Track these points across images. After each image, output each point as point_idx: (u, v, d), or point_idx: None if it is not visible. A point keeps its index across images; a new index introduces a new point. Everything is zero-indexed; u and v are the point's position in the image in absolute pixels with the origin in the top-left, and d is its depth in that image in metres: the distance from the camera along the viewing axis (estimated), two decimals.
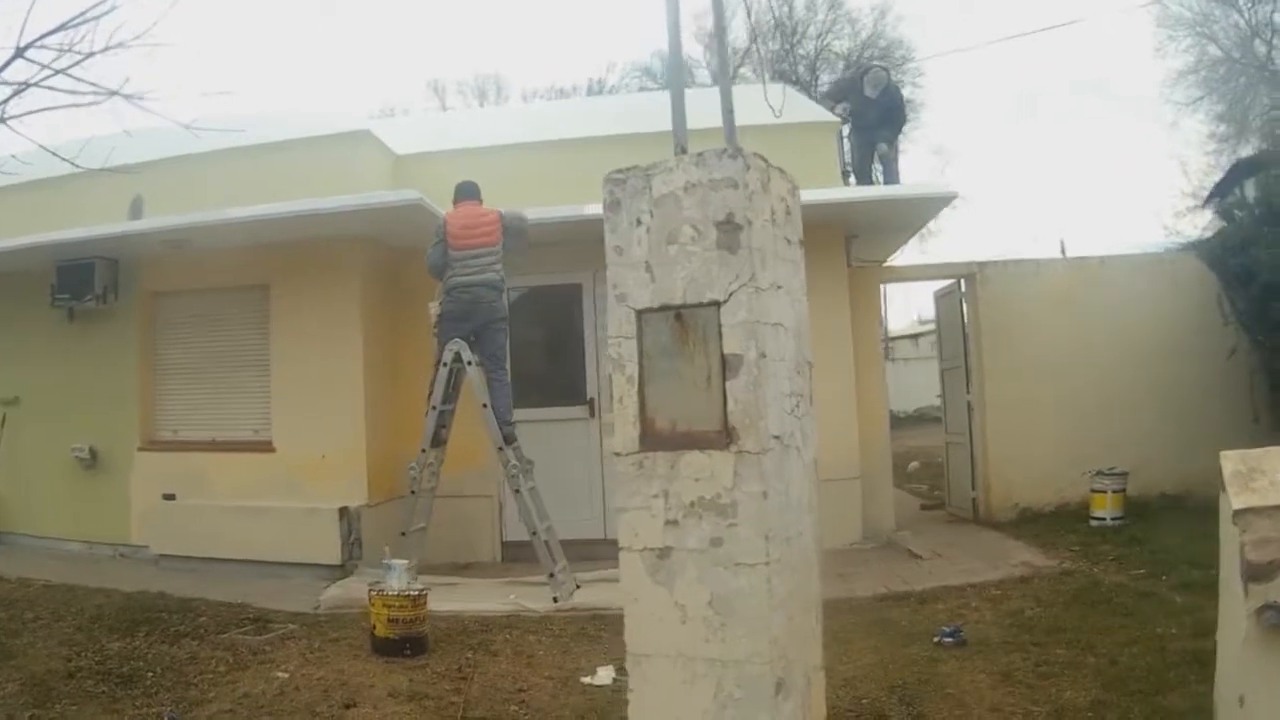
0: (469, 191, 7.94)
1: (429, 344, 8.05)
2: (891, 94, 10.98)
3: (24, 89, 6.15)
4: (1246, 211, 11.08)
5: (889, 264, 11.28)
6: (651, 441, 3.49)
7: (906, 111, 11.14)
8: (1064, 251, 14.16)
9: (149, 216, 9.97)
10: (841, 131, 11.30)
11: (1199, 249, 11.13)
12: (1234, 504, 3.47)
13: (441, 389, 7.54)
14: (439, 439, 7.67)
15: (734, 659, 3.31)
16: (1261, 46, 23.84)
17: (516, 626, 6.74)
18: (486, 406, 7.37)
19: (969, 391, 10.72)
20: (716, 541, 3.34)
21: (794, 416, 3.63)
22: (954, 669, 5.38)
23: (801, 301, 3.84)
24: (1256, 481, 3.48)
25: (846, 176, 11.20)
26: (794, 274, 3.77)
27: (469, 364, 7.42)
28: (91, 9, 6.06)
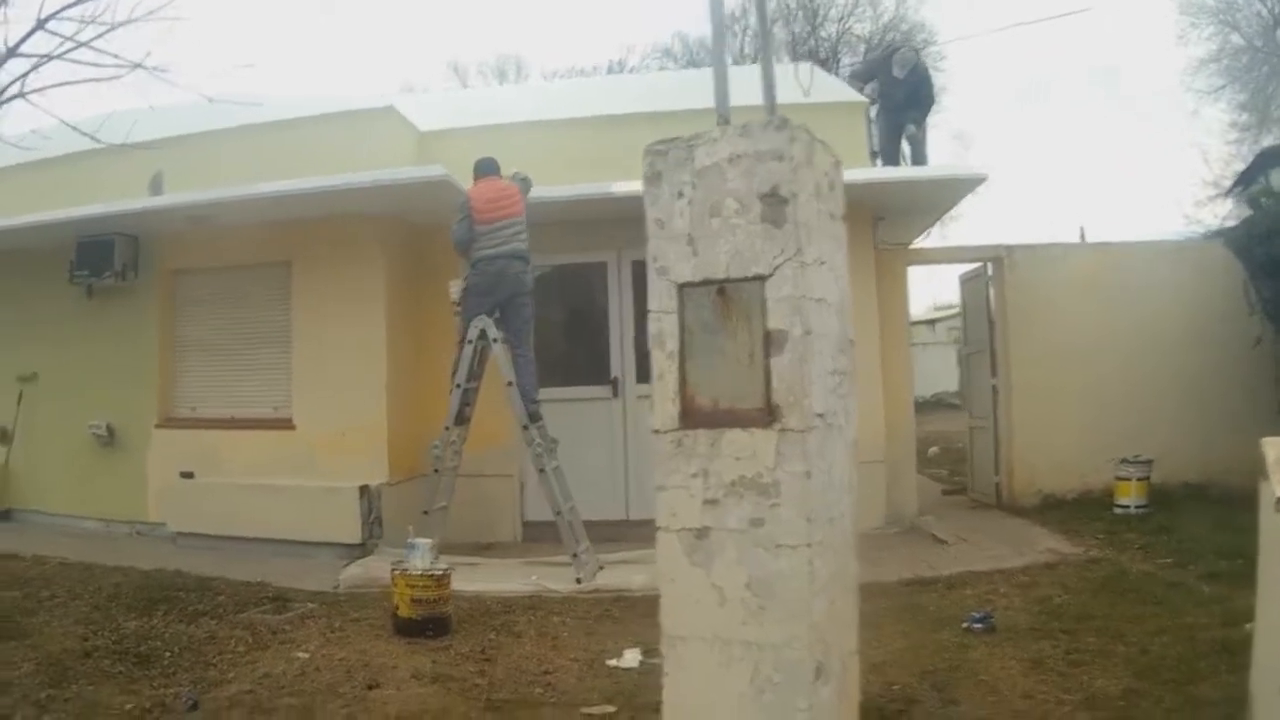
0: (489, 167, 8.01)
1: (451, 321, 8.02)
2: (920, 74, 10.81)
3: (45, 61, 6.09)
4: (1273, 200, 10.92)
5: (915, 246, 11.15)
6: (691, 419, 3.40)
7: (935, 93, 10.92)
8: (1083, 238, 13.99)
9: (169, 193, 9.89)
10: (869, 112, 11.16)
11: (1225, 237, 11.02)
12: (1277, 491, 3.37)
13: (466, 366, 7.49)
14: (462, 417, 7.64)
15: (772, 643, 3.24)
16: None
17: (539, 608, 6.66)
18: (512, 385, 7.33)
19: (994, 376, 10.63)
20: (757, 522, 3.26)
21: (837, 395, 3.54)
22: (984, 655, 5.31)
23: (844, 278, 3.74)
24: None
25: (874, 158, 11.07)
26: (837, 249, 3.67)
27: (494, 341, 7.36)
28: None
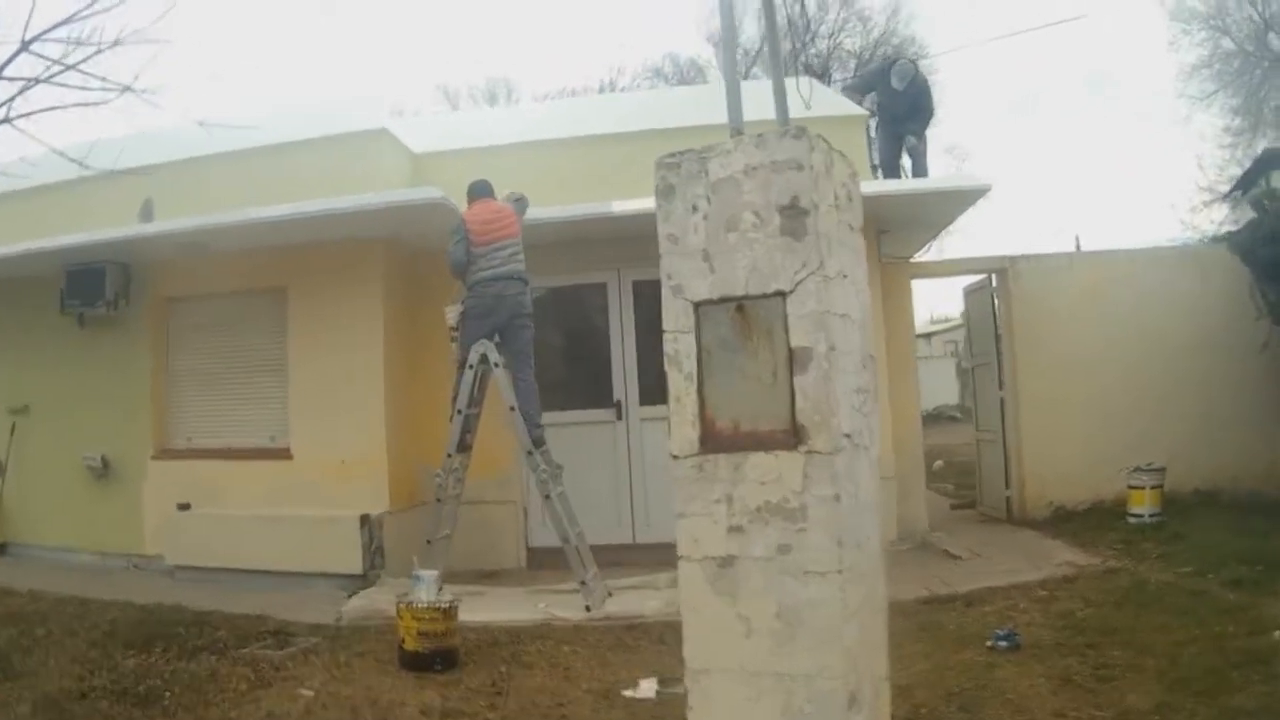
0: (483, 189, 7.97)
1: (449, 347, 7.90)
2: (919, 85, 10.71)
3: (32, 85, 5.95)
4: (1277, 202, 10.86)
5: (918, 259, 11.07)
6: (712, 443, 3.25)
7: (934, 104, 10.84)
8: (1078, 247, 13.97)
9: (160, 219, 9.77)
10: (869, 125, 11.08)
11: (1230, 241, 10.94)
12: None
13: (467, 392, 7.38)
14: (464, 444, 7.52)
15: (804, 673, 3.09)
16: (1276, 40, 23.72)
17: (549, 637, 6.50)
18: (514, 409, 7.20)
19: (1001, 388, 10.54)
20: (784, 549, 3.12)
21: (861, 413, 3.41)
22: (1011, 674, 5.20)
23: (865, 291, 3.62)
24: None
25: (875, 171, 10.99)
26: (857, 262, 3.55)
27: (496, 365, 7.25)
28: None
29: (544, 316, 8.49)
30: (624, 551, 8.43)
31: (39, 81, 5.98)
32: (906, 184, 10.18)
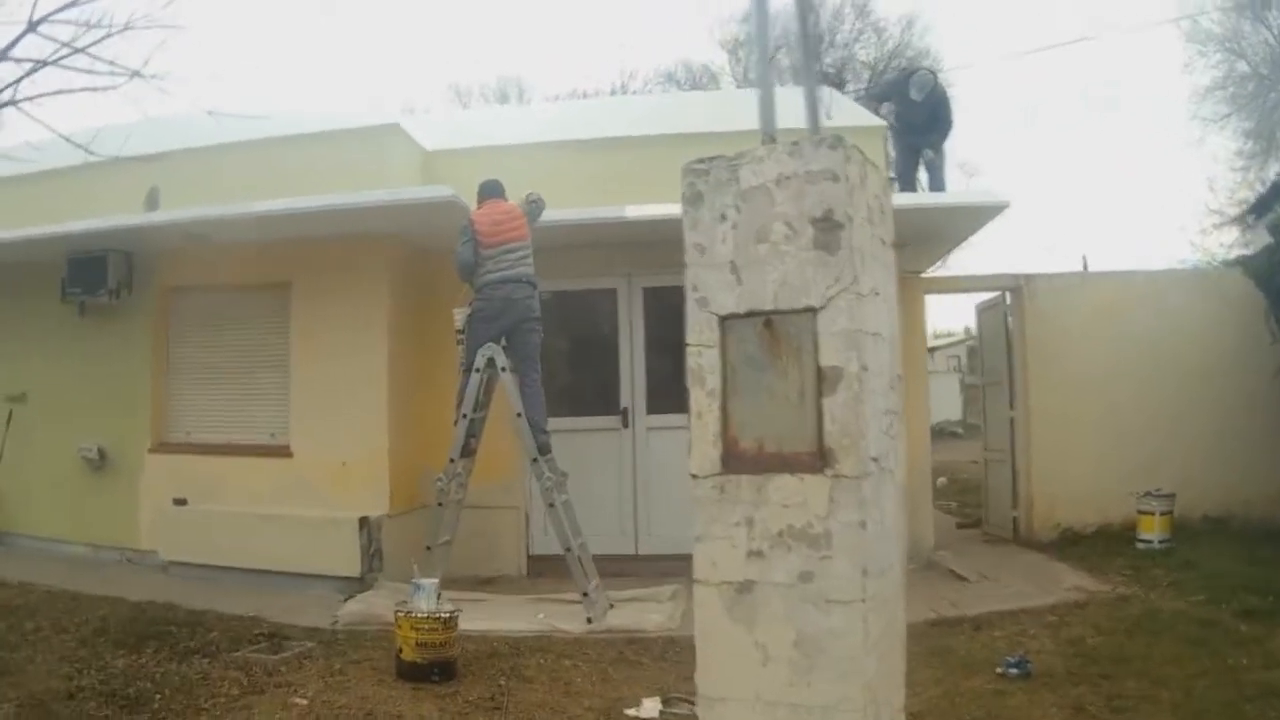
0: (494, 189, 7.85)
1: (456, 349, 7.77)
2: (938, 97, 10.53)
3: (39, 67, 5.82)
4: None
5: (931, 275, 10.94)
6: (734, 463, 3.11)
7: (953, 115, 10.68)
8: (1085, 266, 13.82)
9: (165, 209, 9.65)
10: (887, 136, 10.93)
11: (1245, 265, 10.82)
12: None
13: (473, 396, 7.26)
14: (468, 449, 7.40)
15: (822, 704, 2.95)
16: None
17: (549, 649, 6.36)
18: (521, 415, 7.08)
19: (1012, 407, 10.41)
20: (806, 576, 2.98)
21: (889, 436, 3.29)
22: (1023, 702, 5.09)
23: (894, 309, 3.50)
24: None
25: (891, 183, 10.85)
26: (889, 279, 3.43)
27: (503, 370, 7.13)
28: None
29: (552, 321, 8.36)
30: (626, 562, 8.32)
31: (46, 64, 5.85)
32: (925, 198, 10.05)
